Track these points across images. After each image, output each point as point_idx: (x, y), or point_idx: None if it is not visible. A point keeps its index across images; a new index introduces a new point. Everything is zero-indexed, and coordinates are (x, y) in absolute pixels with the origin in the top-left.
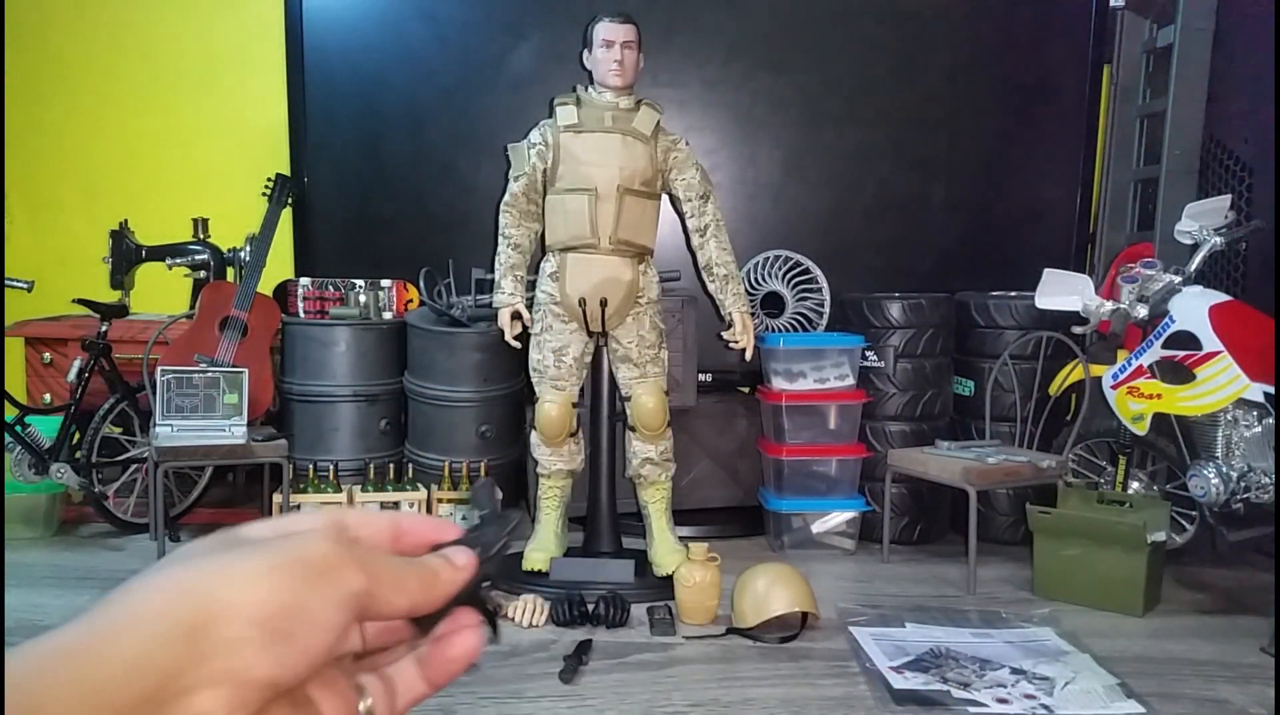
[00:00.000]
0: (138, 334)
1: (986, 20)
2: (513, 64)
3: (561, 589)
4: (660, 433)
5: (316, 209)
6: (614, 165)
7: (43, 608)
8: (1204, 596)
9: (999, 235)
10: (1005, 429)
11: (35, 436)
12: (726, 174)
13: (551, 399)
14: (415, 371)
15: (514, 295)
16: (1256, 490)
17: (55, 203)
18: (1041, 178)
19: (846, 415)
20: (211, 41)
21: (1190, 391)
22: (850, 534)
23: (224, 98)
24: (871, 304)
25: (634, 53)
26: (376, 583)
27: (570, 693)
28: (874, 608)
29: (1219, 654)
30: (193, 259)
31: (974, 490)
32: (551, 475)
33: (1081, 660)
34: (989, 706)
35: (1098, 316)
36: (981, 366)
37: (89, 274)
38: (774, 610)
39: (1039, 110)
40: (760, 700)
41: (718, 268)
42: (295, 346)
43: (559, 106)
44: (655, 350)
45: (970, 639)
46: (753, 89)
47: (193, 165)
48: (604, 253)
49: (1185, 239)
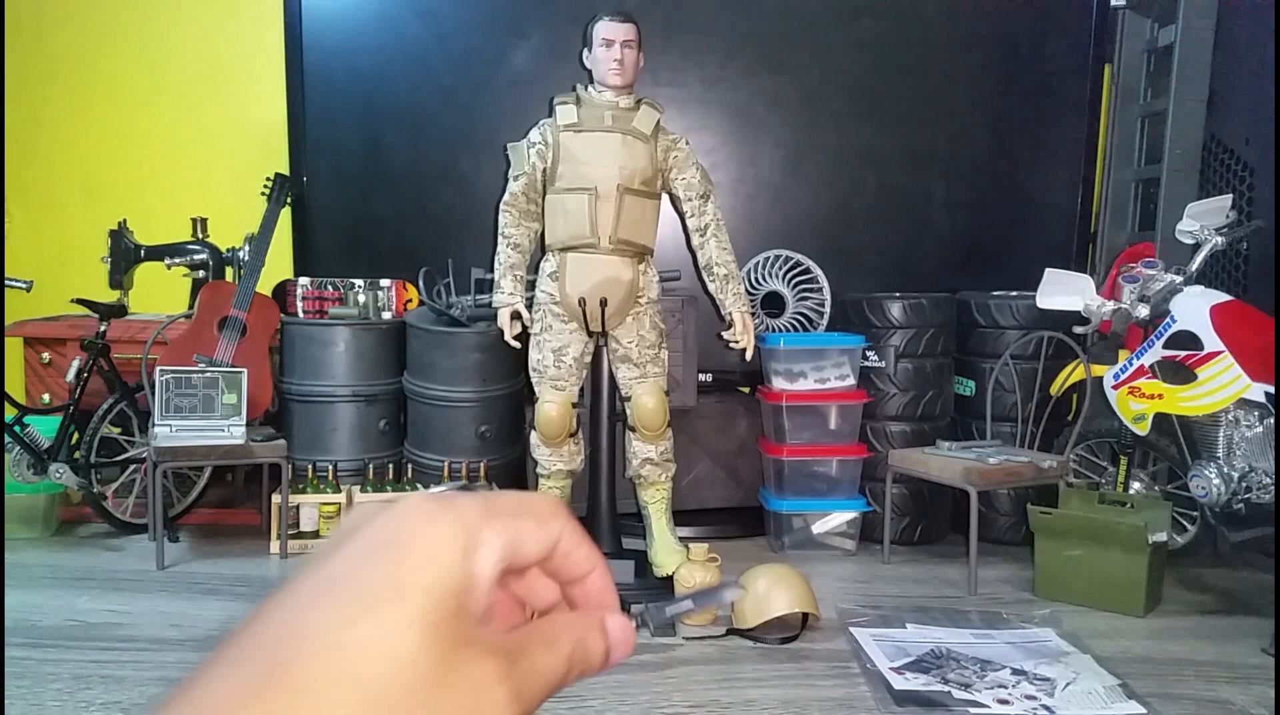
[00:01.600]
0: (136, 334)
1: (987, 20)
2: (513, 63)
3: None
4: (660, 433)
5: (316, 209)
6: (614, 164)
7: (41, 608)
8: (1205, 597)
9: (1000, 235)
10: (1006, 429)
11: (34, 437)
12: (726, 174)
13: (551, 399)
14: (415, 371)
15: (513, 295)
16: (1258, 490)
17: (54, 203)
18: (1042, 177)
19: (847, 415)
20: (211, 41)
21: (1191, 391)
22: (851, 534)
23: (223, 97)
24: (872, 304)
25: (634, 52)
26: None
27: (570, 693)
28: (875, 608)
29: (1220, 655)
30: (191, 259)
31: (975, 491)
32: (551, 475)
33: (1082, 661)
34: (990, 707)
35: (1099, 316)
36: (982, 366)
37: (88, 274)
38: (774, 611)
39: (1040, 110)
40: (761, 701)
41: (718, 267)
42: (294, 346)
43: (559, 106)
44: (655, 350)
45: (971, 640)
46: (753, 89)
47: (192, 165)
48: (604, 252)
49: (1186, 239)
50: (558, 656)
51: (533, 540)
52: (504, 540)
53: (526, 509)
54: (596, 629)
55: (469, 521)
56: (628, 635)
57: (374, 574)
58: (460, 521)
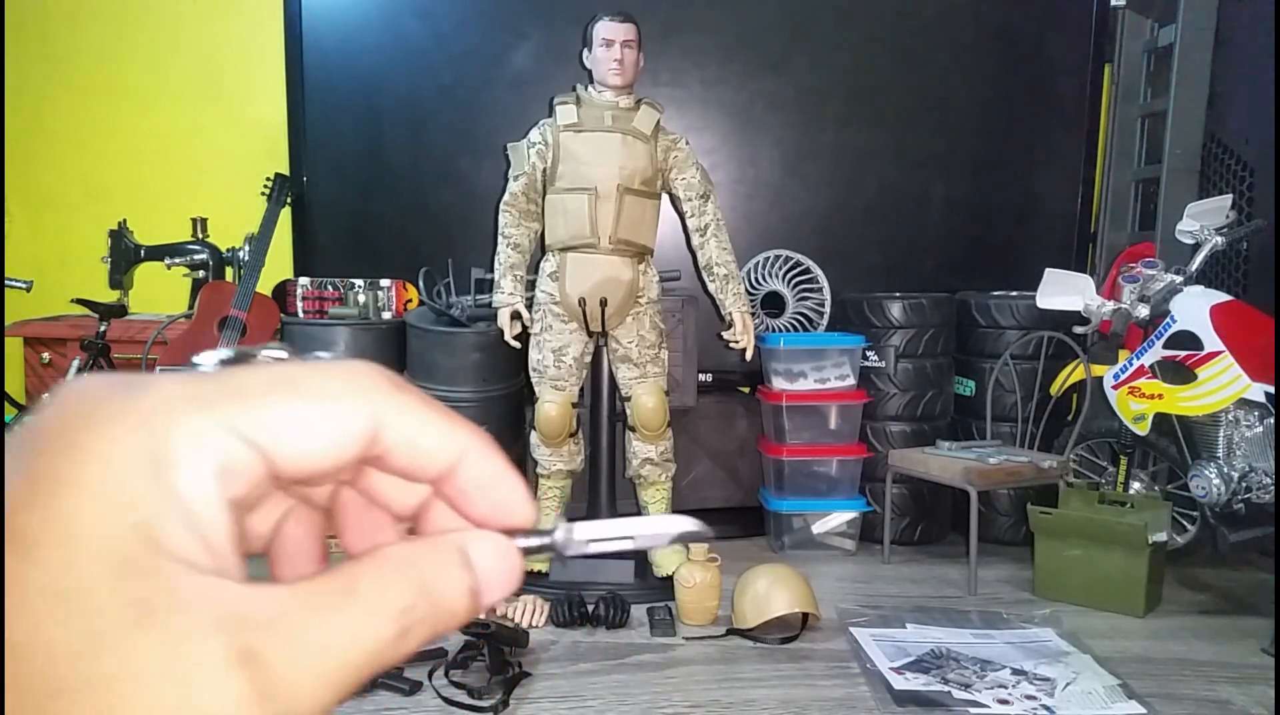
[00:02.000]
0: (136, 334)
1: (987, 20)
2: (513, 63)
3: (561, 590)
4: (660, 433)
5: (316, 208)
6: (614, 164)
7: None
8: (1205, 597)
9: (1000, 235)
10: (1006, 429)
11: None
12: (726, 174)
13: (551, 399)
14: (414, 371)
15: (513, 295)
16: (1258, 490)
17: (54, 203)
18: (1042, 177)
19: (847, 415)
20: (211, 41)
21: (1191, 391)
22: (851, 534)
23: (223, 97)
24: (872, 304)
25: (634, 52)
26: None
27: (570, 693)
28: (875, 608)
29: (1220, 654)
30: (191, 259)
31: (975, 491)
32: (551, 475)
33: (1082, 661)
34: (990, 707)
35: (1099, 316)
36: (982, 366)
37: (88, 274)
38: (774, 611)
39: (1040, 110)
40: (761, 701)
41: (718, 267)
42: (294, 346)
43: (559, 105)
44: (655, 350)
45: (971, 640)
46: (753, 89)
47: (192, 165)
48: (604, 252)
49: (1186, 239)
50: (368, 617)
51: (305, 434)
52: (231, 442)
53: (296, 385)
54: (452, 561)
55: (158, 420)
56: (506, 563)
57: (18, 524)
58: (143, 424)
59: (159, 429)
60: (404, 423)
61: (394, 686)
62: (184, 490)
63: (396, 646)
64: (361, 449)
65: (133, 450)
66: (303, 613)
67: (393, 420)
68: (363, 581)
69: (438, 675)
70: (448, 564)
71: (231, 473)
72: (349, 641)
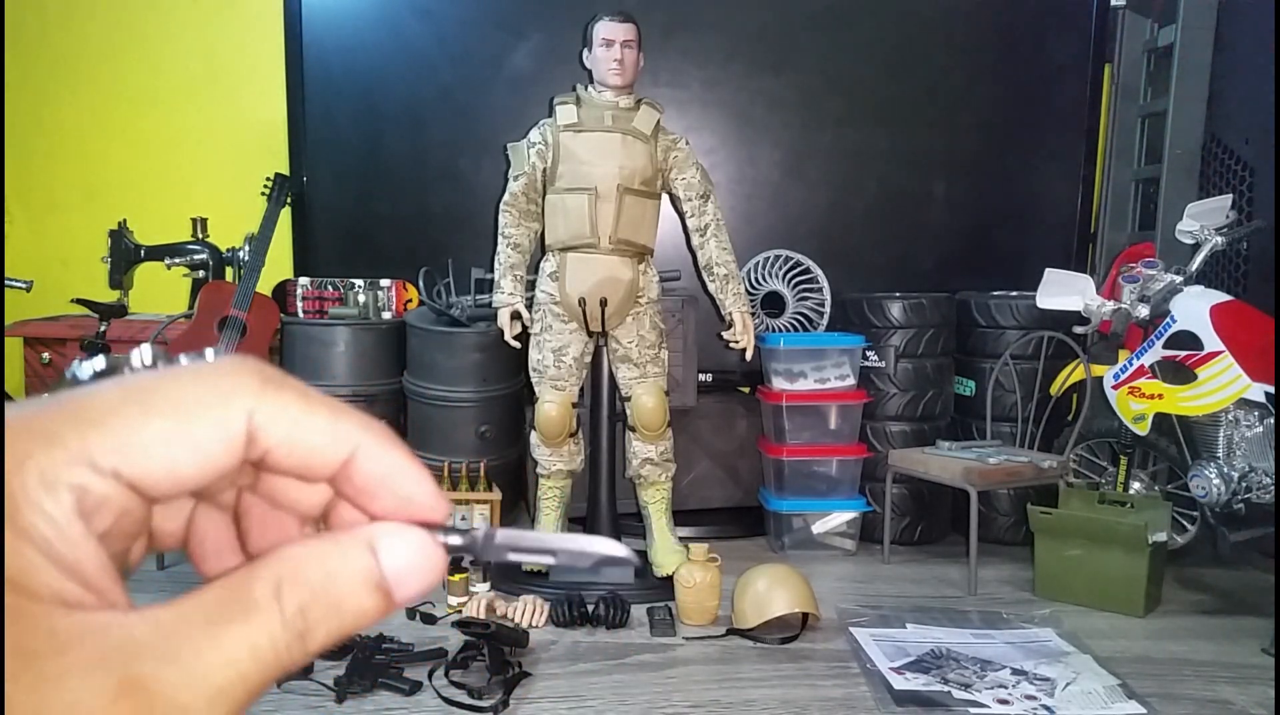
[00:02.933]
0: (136, 334)
1: (986, 20)
2: (513, 63)
3: (561, 590)
4: (660, 433)
5: (315, 208)
6: (614, 164)
7: None
8: (1205, 597)
9: (1000, 235)
10: (1006, 429)
11: None
12: (726, 174)
13: (551, 399)
14: (414, 371)
15: (513, 295)
16: (1258, 490)
17: (54, 203)
18: (1042, 177)
19: (847, 415)
20: (211, 40)
21: (1191, 391)
22: (851, 534)
23: (223, 97)
24: (872, 304)
25: (634, 52)
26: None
27: (570, 693)
28: (874, 608)
29: (1220, 655)
30: (191, 259)
31: (975, 491)
32: (551, 475)
33: (1082, 661)
34: (990, 707)
35: (1099, 316)
36: (982, 366)
37: (88, 274)
38: (774, 611)
39: (1039, 110)
40: (761, 701)
41: (718, 267)
42: (294, 346)
43: (559, 105)
44: (655, 350)
45: (971, 640)
46: (753, 89)
47: (192, 165)
48: (604, 252)
49: (1186, 239)
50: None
51: (165, 451)
52: (85, 476)
53: (150, 401)
54: (354, 556)
55: (10, 465)
56: (422, 557)
57: None
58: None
59: (12, 475)
60: (282, 422)
61: (394, 686)
62: (44, 533)
63: (294, 650)
64: (236, 455)
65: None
66: (189, 630)
67: (269, 420)
68: (255, 585)
69: (438, 675)
70: (349, 559)
71: (91, 507)
72: (241, 653)
